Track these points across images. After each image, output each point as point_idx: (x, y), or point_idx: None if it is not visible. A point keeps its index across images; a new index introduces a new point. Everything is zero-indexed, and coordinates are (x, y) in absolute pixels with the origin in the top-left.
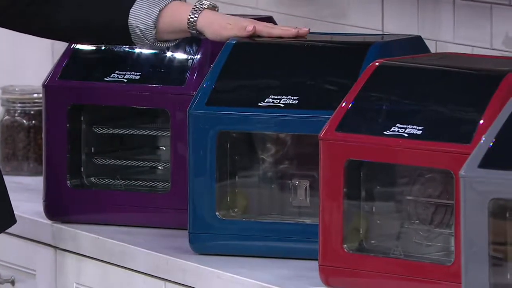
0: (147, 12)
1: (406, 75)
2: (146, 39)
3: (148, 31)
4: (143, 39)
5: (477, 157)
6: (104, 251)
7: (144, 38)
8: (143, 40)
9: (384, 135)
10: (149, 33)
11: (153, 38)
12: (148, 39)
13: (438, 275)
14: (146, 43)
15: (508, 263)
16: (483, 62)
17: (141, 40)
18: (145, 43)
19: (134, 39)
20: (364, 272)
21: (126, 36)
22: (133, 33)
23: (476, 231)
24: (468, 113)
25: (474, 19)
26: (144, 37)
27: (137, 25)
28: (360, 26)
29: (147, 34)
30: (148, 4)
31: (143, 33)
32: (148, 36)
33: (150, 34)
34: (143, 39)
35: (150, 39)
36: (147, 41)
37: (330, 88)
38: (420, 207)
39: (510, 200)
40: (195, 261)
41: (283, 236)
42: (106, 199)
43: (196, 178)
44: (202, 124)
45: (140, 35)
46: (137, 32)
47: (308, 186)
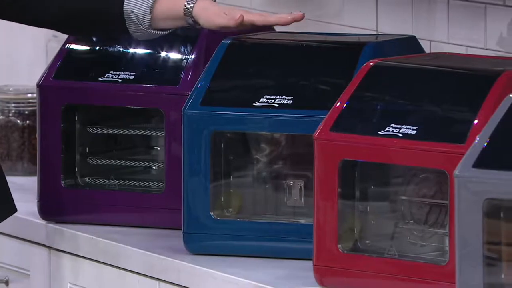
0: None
1: (400, 75)
2: (141, 25)
3: (143, 16)
4: (138, 25)
5: (472, 157)
6: (98, 251)
7: (139, 24)
8: (138, 26)
9: (379, 135)
10: (145, 18)
11: (148, 24)
12: (144, 26)
13: (433, 275)
14: (141, 29)
15: (502, 263)
16: (478, 62)
17: (136, 26)
18: (140, 29)
19: (129, 26)
20: (359, 272)
21: (120, 22)
22: (128, 19)
23: (470, 231)
24: (462, 113)
25: (469, 19)
26: (140, 23)
27: (132, 10)
28: (354, 26)
29: (143, 20)
30: None
31: (138, 19)
32: (144, 22)
33: (146, 20)
34: (138, 25)
35: (145, 25)
36: (142, 27)
37: (324, 88)
38: (414, 207)
39: (504, 200)
40: (190, 261)
41: (278, 236)
42: (101, 199)
43: (190, 178)
44: (196, 124)
45: (136, 21)
46: (132, 18)
47: (302, 186)
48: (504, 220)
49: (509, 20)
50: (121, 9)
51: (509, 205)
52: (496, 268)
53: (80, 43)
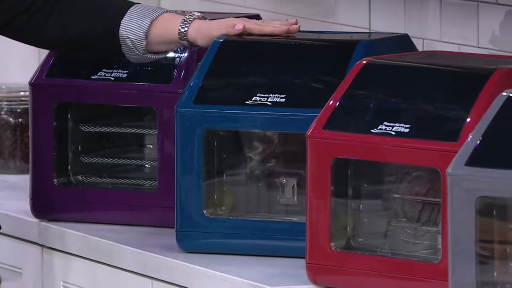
0: (138, 24)
1: (393, 73)
2: (136, 50)
3: (139, 42)
4: (133, 50)
5: (464, 155)
6: (91, 249)
7: (135, 49)
8: (134, 51)
9: (372, 133)
10: (140, 44)
11: (144, 49)
12: (139, 51)
13: (425, 273)
14: (137, 54)
15: (495, 261)
16: (470, 60)
17: (132, 51)
18: (135, 54)
19: (124, 50)
20: (352, 270)
21: (117, 47)
22: (123, 44)
23: (463, 229)
24: (455, 111)
25: (461, 17)
26: (135, 48)
27: (128, 36)
28: (347, 24)
29: (138, 46)
30: (139, 16)
31: (134, 44)
32: (139, 47)
33: (141, 45)
34: (133, 50)
35: (140, 50)
36: (137, 52)
37: (317, 86)
38: (407, 205)
39: (497, 198)
40: (183, 259)
41: (271, 234)
42: (93, 197)
43: (183, 176)
44: (189, 122)
45: (131, 46)
46: (128, 43)
47: (295, 184)
48: (497, 218)
49: (501, 18)
50: (117, 34)
51: (501, 203)
52: (489, 266)
53: None
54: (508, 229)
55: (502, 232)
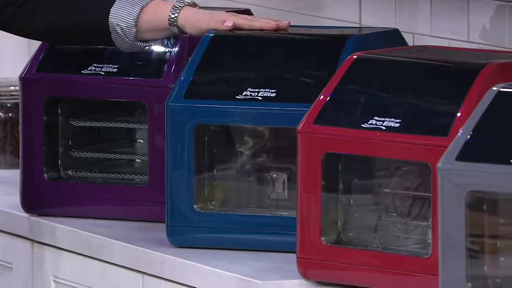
0: (128, 11)
1: (384, 68)
2: (126, 38)
3: (129, 29)
4: (123, 37)
5: (455, 149)
6: (81, 244)
7: (125, 36)
8: (124, 39)
9: (362, 128)
10: (130, 31)
11: (134, 36)
12: (129, 38)
13: (416, 267)
14: (127, 41)
15: (485, 255)
16: (460, 55)
17: (122, 39)
18: (125, 41)
19: (114, 38)
20: (342, 265)
21: (106, 35)
22: (113, 32)
23: (453, 223)
24: (445, 106)
25: (451, 12)
26: (125, 35)
27: (117, 23)
28: (337, 19)
29: (128, 33)
30: (128, 3)
31: (123, 32)
32: (129, 35)
33: (131, 32)
34: (123, 37)
35: (130, 37)
36: (127, 39)
37: (308, 81)
38: (397, 200)
39: (487, 193)
40: (173, 254)
41: (261, 229)
42: (84, 192)
43: (174, 171)
44: (180, 117)
45: (121, 33)
46: (117, 31)
47: (286, 178)
48: (487, 213)
49: (491, 13)
50: (106, 22)
51: (492, 197)
52: (479, 261)
53: None
54: (498, 223)
55: (492, 227)
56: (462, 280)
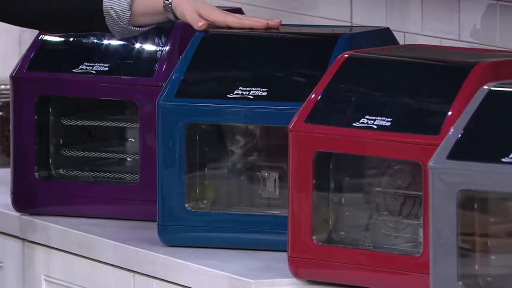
0: None
1: (375, 67)
2: (121, 22)
3: (123, 12)
4: (118, 21)
5: (446, 148)
6: (72, 243)
7: (119, 20)
8: (118, 23)
9: (353, 126)
10: (124, 15)
11: (128, 20)
12: (123, 22)
13: (407, 266)
14: (121, 25)
15: (476, 254)
16: (452, 54)
17: (116, 23)
18: (120, 26)
19: (108, 23)
20: (333, 264)
21: (100, 20)
22: (107, 16)
23: (444, 222)
24: (436, 104)
25: (442, 11)
26: (119, 19)
27: (112, 6)
28: (329, 18)
29: (122, 17)
30: None
31: (118, 15)
32: (123, 18)
33: (125, 16)
34: (118, 21)
35: (125, 21)
36: (121, 23)
37: (299, 80)
38: (388, 199)
39: (478, 191)
40: (164, 253)
41: (252, 228)
42: (75, 191)
43: (165, 170)
44: (171, 115)
45: (115, 17)
46: (112, 14)
47: (277, 177)
48: (478, 211)
49: (482, 12)
50: (101, 6)
51: (483, 196)
52: (470, 259)
53: (54, 35)
54: (489, 222)
55: (483, 225)
56: (453, 278)
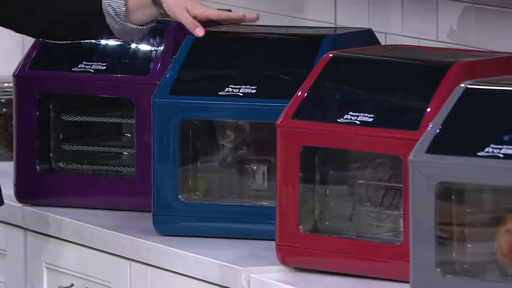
0: None
1: (358, 66)
2: (118, 18)
3: (119, 8)
4: (116, 18)
5: (425, 143)
6: (72, 232)
7: (117, 17)
8: (116, 20)
9: (338, 122)
10: (120, 10)
11: (124, 15)
12: (120, 18)
13: (388, 254)
14: (119, 22)
15: (453, 242)
16: (430, 54)
17: (115, 20)
18: (118, 23)
19: (108, 21)
20: (319, 252)
21: (102, 19)
22: (107, 14)
23: (423, 212)
24: (416, 101)
25: (421, 13)
26: (117, 16)
27: (109, 3)
28: (314, 20)
29: (119, 13)
30: None
31: (115, 12)
32: (120, 14)
33: (121, 11)
34: (116, 18)
35: (122, 17)
36: (119, 20)
37: (286, 78)
38: (371, 190)
39: (456, 183)
40: (159, 242)
41: (242, 218)
42: (74, 183)
43: (159, 163)
44: (165, 112)
45: (113, 14)
46: (109, 12)
47: (265, 170)
48: (455, 202)
49: (459, 14)
50: (100, 5)
51: (459, 188)
52: (448, 247)
53: None
54: (466, 212)
55: (460, 215)
56: (432, 265)
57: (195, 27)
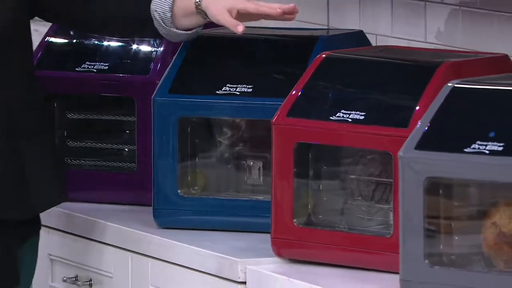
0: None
1: (350, 66)
2: (164, 24)
3: (164, 14)
4: (162, 24)
5: (414, 139)
6: (75, 225)
7: (163, 22)
8: (162, 25)
9: (330, 120)
10: (166, 17)
11: (170, 22)
12: (166, 24)
13: (379, 246)
14: (165, 27)
15: (441, 235)
16: (419, 54)
17: (161, 25)
18: (164, 28)
19: (156, 25)
20: (312, 244)
21: (150, 23)
22: (154, 19)
23: (412, 206)
24: (405, 100)
25: (410, 16)
26: (163, 21)
27: (155, 9)
28: (308, 22)
29: (165, 19)
30: None
31: (161, 18)
32: (166, 20)
33: (167, 18)
34: (162, 24)
35: (167, 23)
36: (165, 25)
37: (281, 78)
38: (362, 185)
39: (443, 178)
40: (159, 234)
41: (239, 212)
42: (78, 178)
43: (159, 159)
44: (165, 110)
45: (159, 20)
46: (156, 17)
47: (261, 166)
48: (443, 197)
49: (446, 16)
50: (148, 10)
51: (447, 182)
52: (436, 240)
53: (59, 36)
54: (453, 206)
55: (447, 209)
56: (420, 257)
57: (236, 26)
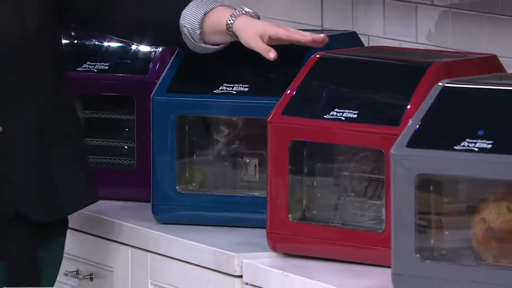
0: (194, 13)
1: (343, 66)
2: (192, 39)
3: (193, 30)
4: (190, 38)
5: (405, 137)
6: (76, 221)
7: (191, 37)
8: (190, 40)
9: (324, 118)
10: (194, 32)
11: (198, 38)
12: (194, 39)
13: (371, 241)
14: (193, 42)
15: (432, 230)
16: (410, 55)
17: (189, 39)
18: (192, 42)
19: (184, 39)
20: (307, 239)
21: (178, 36)
22: (182, 33)
23: (404, 202)
24: (397, 99)
25: (402, 17)
26: (191, 36)
27: (184, 24)
28: (302, 23)
29: (193, 34)
30: (197, 6)
31: (189, 33)
32: (194, 36)
33: (195, 34)
34: (190, 38)
35: (196, 39)
36: (193, 40)
37: (276, 77)
38: (355, 182)
39: (434, 175)
40: (157, 229)
41: (235, 207)
42: None
43: (158, 157)
44: (163, 109)
45: (187, 34)
46: (185, 32)
47: (257, 163)
48: (433, 193)
49: (436, 18)
50: (178, 23)
51: (437, 179)
52: (426, 235)
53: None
54: (443, 202)
55: (438, 205)
56: (411, 251)
57: (268, 52)
